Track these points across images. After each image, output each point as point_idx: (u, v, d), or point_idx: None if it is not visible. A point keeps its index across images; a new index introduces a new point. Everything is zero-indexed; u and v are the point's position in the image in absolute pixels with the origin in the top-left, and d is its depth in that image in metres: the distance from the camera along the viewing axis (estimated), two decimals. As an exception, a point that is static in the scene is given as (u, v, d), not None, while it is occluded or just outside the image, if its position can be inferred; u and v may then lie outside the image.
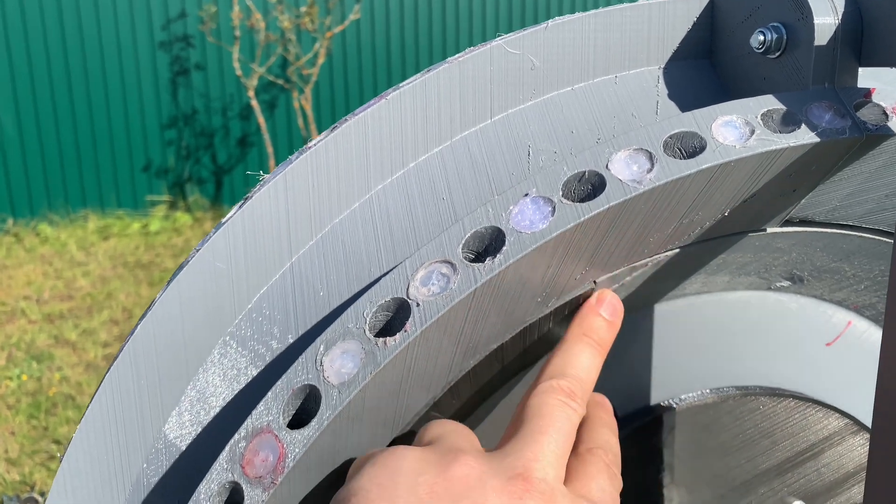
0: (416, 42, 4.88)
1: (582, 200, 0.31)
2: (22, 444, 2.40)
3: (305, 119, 4.47)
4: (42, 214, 4.36)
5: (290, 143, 4.74)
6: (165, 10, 4.40)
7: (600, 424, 0.35)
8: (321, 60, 4.35)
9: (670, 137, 0.32)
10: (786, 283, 0.44)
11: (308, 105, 4.40)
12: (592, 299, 0.36)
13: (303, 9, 4.31)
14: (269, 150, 4.43)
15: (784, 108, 0.33)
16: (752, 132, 0.32)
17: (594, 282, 0.37)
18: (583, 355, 0.34)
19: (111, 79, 4.35)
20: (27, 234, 4.24)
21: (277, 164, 4.62)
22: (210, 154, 4.70)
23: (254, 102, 4.29)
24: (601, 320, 0.36)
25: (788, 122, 0.33)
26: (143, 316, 0.35)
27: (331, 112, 4.77)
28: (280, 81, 4.51)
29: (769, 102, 0.33)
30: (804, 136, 0.32)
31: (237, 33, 4.23)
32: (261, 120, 4.36)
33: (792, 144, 0.32)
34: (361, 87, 4.82)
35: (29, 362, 2.88)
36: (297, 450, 0.28)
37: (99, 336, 3.10)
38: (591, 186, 0.31)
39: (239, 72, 4.25)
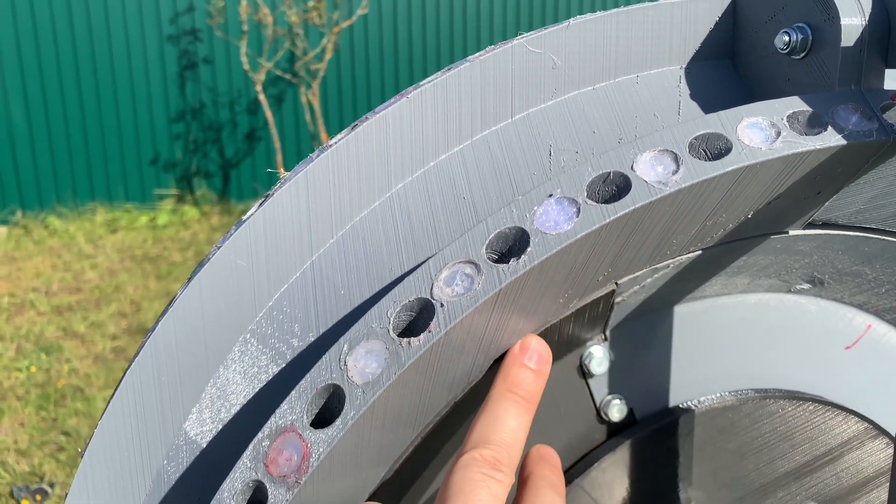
0: (423, 37, 4.87)
1: (607, 202, 0.30)
2: (31, 435, 2.42)
3: (313, 114, 4.47)
4: (51, 207, 4.38)
5: (298, 137, 4.74)
6: (174, 4, 4.41)
7: (543, 485, 0.33)
8: (329, 55, 4.35)
9: (696, 139, 0.32)
10: (806, 286, 0.44)
11: (315, 100, 4.40)
12: (515, 348, 0.34)
13: (310, 3, 4.30)
14: (277, 144, 4.43)
15: (810, 109, 0.33)
16: (779, 134, 0.32)
17: (616, 283, 0.36)
18: (508, 416, 0.32)
19: (119, 72, 4.35)
20: (36, 226, 4.25)
21: (285, 158, 4.62)
22: (217, 148, 4.70)
23: (261, 97, 4.29)
24: (525, 371, 0.33)
25: (815, 124, 0.33)
26: (164, 312, 0.35)
27: (338, 107, 4.77)
28: (288, 76, 4.51)
29: (795, 104, 0.33)
30: (831, 139, 0.32)
31: (245, 28, 4.22)
32: (268, 114, 4.36)
33: (818, 147, 0.32)
34: (369, 81, 4.81)
35: (38, 354, 2.90)
36: (321, 449, 0.28)
37: (107, 328, 3.11)
38: (615, 187, 0.31)
39: (247, 66, 4.26)
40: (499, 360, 0.35)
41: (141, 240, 4.13)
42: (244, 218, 0.35)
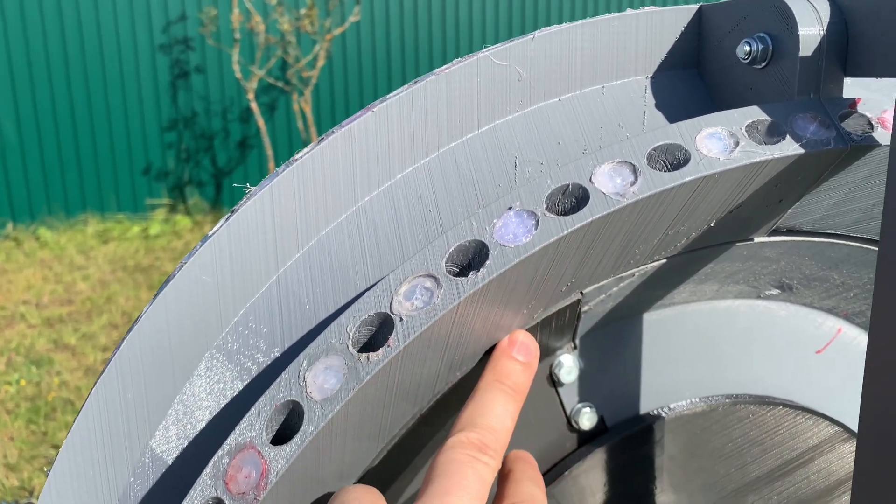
0: (415, 44, 4.88)
1: (566, 213, 0.31)
2: (21, 450, 2.40)
3: (305, 121, 4.48)
4: (42, 218, 4.36)
5: (290, 145, 4.75)
6: (165, 13, 4.41)
7: (525, 478, 0.34)
8: (321, 63, 4.35)
9: (654, 150, 0.32)
10: (775, 292, 0.44)
11: (308, 107, 4.40)
12: (504, 342, 0.35)
13: (302, 11, 4.31)
14: (269, 152, 4.43)
15: (769, 119, 0.33)
16: (737, 144, 0.32)
17: (581, 292, 0.37)
18: (496, 403, 0.32)
19: (111, 82, 4.35)
20: (27, 238, 4.24)
21: (277, 166, 4.61)
22: (210, 157, 4.70)
23: (253, 105, 4.29)
24: (514, 363, 0.34)
25: (773, 133, 0.33)
26: (130, 329, 0.35)
27: (331, 114, 4.77)
28: (280, 84, 4.51)
29: (754, 114, 0.33)
30: (788, 148, 0.32)
31: (237, 36, 4.23)
32: (261, 122, 4.36)
33: (776, 156, 0.32)
34: (361, 89, 4.82)
35: (28, 367, 2.89)
36: (279, 465, 0.28)
37: (98, 340, 3.10)
38: (574, 199, 0.31)
39: (239, 74, 4.26)
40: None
41: (133, 250, 4.13)
42: (209, 234, 0.35)
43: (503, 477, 0.35)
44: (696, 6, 0.41)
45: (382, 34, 4.81)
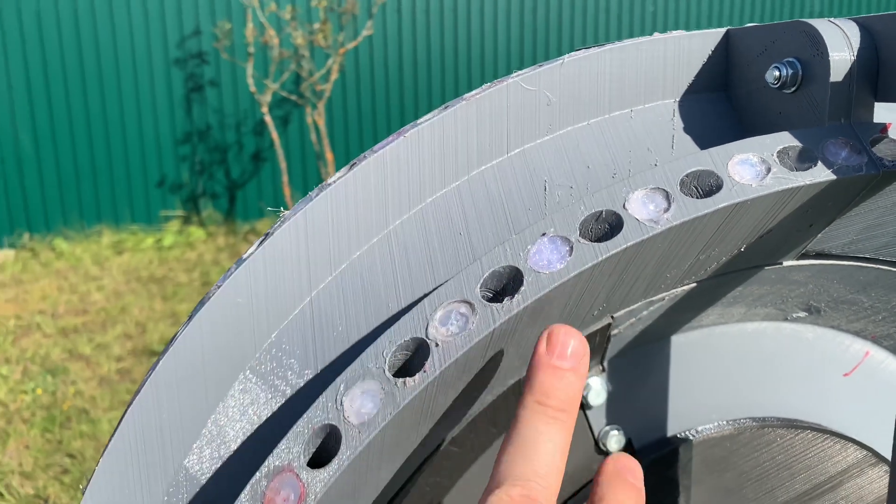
0: (427, 58, 4.91)
1: (599, 240, 0.31)
2: (36, 458, 2.42)
3: (318, 134, 4.50)
4: (57, 229, 4.40)
5: (304, 158, 4.77)
6: (180, 28, 4.46)
7: None
8: (334, 76, 4.38)
9: (686, 176, 0.32)
10: (802, 314, 0.44)
11: (321, 120, 4.43)
12: (542, 345, 0.29)
13: (316, 25, 4.35)
14: (283, 165, 4.46)
15: (800, 145, 0.33)
16: (769, 170, 0.32)
17: (612, 316, 0.37)
18: (540, 439, 0.27)
19: (126, 96, 4.40)
20: (43, 248, 4.28)
21: (290, 179, 4.65)
22: (224, 169, 4.74)
23: (267, 118, 4.33)
24: (557, 374, 0.28)
25: (805, 159, 0.33)
26: (165, 350, 0.35)
27: (343, 127, 4.80)
28: (293, 97, 4.54)
29: (785, 140, 0.33)
30: (820, 174, 0.32)
31: (251, 50, 4.27)
32: (274, 135, 4.39)
33: (808, 182, 0.32)
34: (374, 102, 4.85)
35: (44, 376, 2.90)
36: (318, 488, 0.29)
37: (112, 350, 3.12)
38: (608, 226, 0.32)
39: (253, 88, 4.29)
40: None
41: (147, 261, 4.15)
42: (244, 257, 0.36)
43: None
44: (724, 30, 0.41)
45: (395, 48, 4.84)
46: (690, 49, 0.41)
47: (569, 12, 5.19)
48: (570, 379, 0.28)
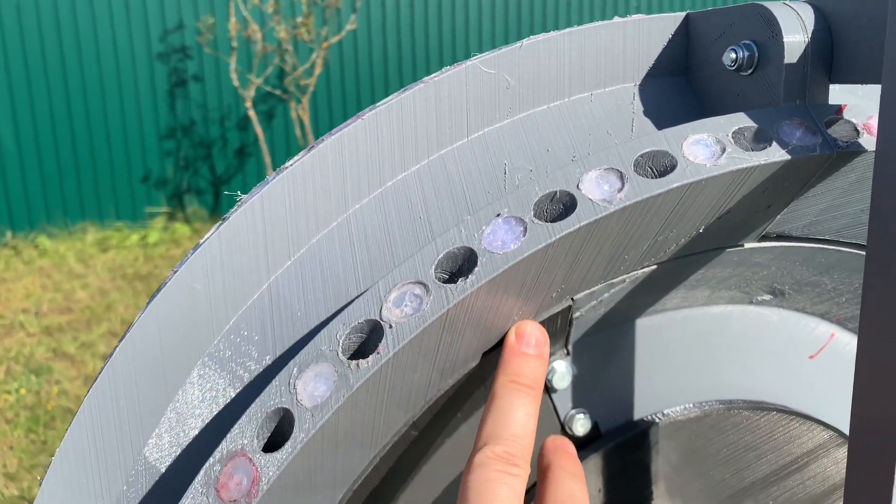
0: (412, 52, 4.89)
1: (553, 220, 0.31)
2: (20, 459, 2.40)
3: (303, 129, 4.48)
4: (41, 227, 4.37)
5: (288, 152, 4.75)
6: (163, 22, 4.42)
7: (563, 475, 0.33)
8: (318, 71, 4.36)
9: (641, 156, 0.32)
10: (767, 297, 0.44)
11: (306, 115, 4.41)
12: (511, 337, 0.34)
13: (299, 19, 4.32)
14: (267, 160, 4.43)
15: (755, 125, 0.33)
16: (723, 150, 0.32)
17: (572, 298, 0.37)
18: (515, 408, 0.32)
19: (109, 91, 4.36)
20: (26, 246, 4.24)
21: (276, 174, 4.62)
22: (208, 165, 4.71)
23: (251, 113, 4.30)
24: (526, 359, 0.34)
25: (759, 139, 0.33)
26: (122, 338, 0.35)
27: (328, 121, 4.78)
28: (277, 92, 4.52)
29: (740, 120, 0.33)
30: (775, 154, 0.32)
31: (234, 44, 4.24)
32: (258, 130, 4.37)
33: (762, 162, 0.32)
34: (359, 96, 4.83)
35: (28, 376, 2.88)
36: (270, 472, 0.29)
37: (98, 349, 3.10)
38: (562, 206, 0.32)
39: (236, 83, 4.27)
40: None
41: (132, 258, 4.13)
42: (200, 242, 0.35)
43: (541, 472, 0.35)
44: (683, 14, 0.41)
45: (379, 42, 4.82)
46: (650, 32, 0.41)
47: (553, 7, 5.19)
48: (535, 363, 0.34)
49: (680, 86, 0.41)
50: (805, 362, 0.47)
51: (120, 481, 0.34)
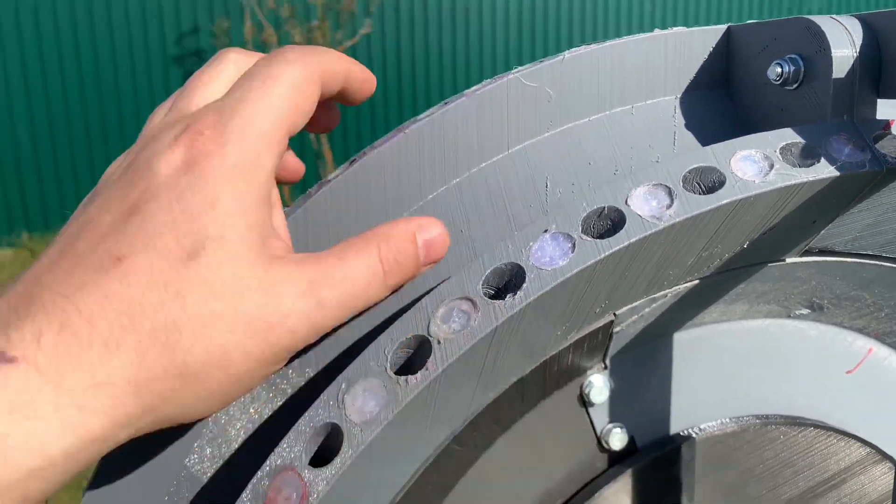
0: (426, 56, 4.90)
1: (601, 236, 0.31)
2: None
3: (317, 134, 4.50)
4: (56, 229, 4.40)
5: (302, 157, 4.69)
6: (178, 25, 4.45)
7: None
8: (332, 75, 4.37)
9: (689, 172, 0.32)
10: (805, 311, 0.44)
11: (319, 119, 4.42)
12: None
13: (314, 24, 4.34)
14: (281, 163, 4.45)
15: (803, 141, 0.33)
16: (772, 167, 0.32)
17: (614, 313, 0.37)
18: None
19: (124, 94, 4.39)
20: (41, 248, 4.27)
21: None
22: (222, 168, 4.73)
23: (265, 117, 4.32)
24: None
25: (807, 155, 0.33)
26: None
27: (342, 126, 4.79)
28: (291, 96, 4.53)
29: (788, 136, 0.33)
30: (824, 170, 0.32)
31: (249, 48, 4.26)
32: (272, 134, 4.38)
33: (811, 179, 0.32)
34: (372, 101, 4.84)
35: (43, 377, 2.90)
36: (319, 488, 0.29)
37: (112, 350, 3.11)
38: (610, 222, 0.31)
39: (251, 86, 4.28)
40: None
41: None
42: (244, 254, 0.35)
43: None
44: (725, 26, 0.41)
45: (393, 47, 4.83)
46: (691, 46, 0.40)
47: (567, 11, 5.18)
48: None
49: (720, 99, 0.41)
50: (842, 377, 0.47)
51: (161, 492, 0.34)
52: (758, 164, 0.32)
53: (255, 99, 0.28)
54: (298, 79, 0.29)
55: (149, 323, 0.24)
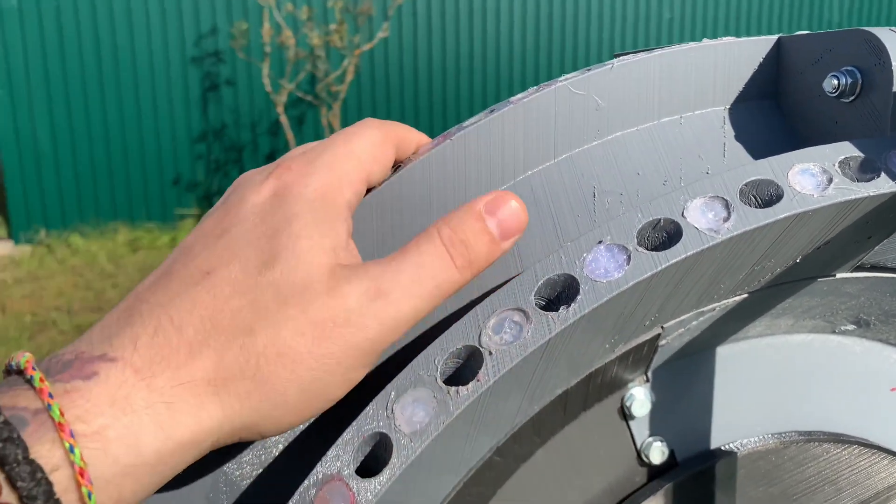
0: (442, 59, 4.91)
1: (656, 248, 0.30)
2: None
3: (333, 135, 4.51)
4: (73, 226, 4.43)
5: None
6: (197, 27, 4.48)
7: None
8: (350, 77, 4.39)
9: (746, 185, 0.31)
10: (851, 327, 0.43)
11: (336, 121, 4.44)
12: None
13: (332, 26, 4.35)
14: (297, 165, 4.46)
15: (862, 155, 0.32)
16: (830, 181, 0.31)
17: (662, 326, 0.36)
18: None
19: (143, 94, 4.43)
20: (59, 245, 4.30)
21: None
22: (239, 168, 4.75)
23: (283, 118, 4.34)
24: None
25: (867, 169, 0.32)
26: None
27: (358, 128, 4.80)
28: (309, 98, 4.55)
29: (846, 150, 0.33)
30: (884, 185, 0.31)
31: (267, 50, 4.28)
32: (289, 135, 4.40)
33: (871, 194, 0.31)
34: (389, 104, 4.85)
35: (59, 373, 2.92)
36: (368, 498, 0.28)
37: (127, 348, 3.13)
38: (665, 234, 0.31)
39: (268, 88, 4.31)
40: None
41: (162, 259, 4.16)
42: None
43: None
44: (775, 37, 0.40)
45: (410, 50, 4.84)
46: (740, 56, 0.40)
47: (584, 18, 5.17)
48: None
49: (770, 110, 0.41)
50: (887, 395, 0.46)
51: (201, 497, 0.34)
52: (816, 178, 0.32)
53: (340, 145, 0.31)
54: (377, 138, 0.33)
55: (228, 327, 0.26)
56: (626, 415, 0.40)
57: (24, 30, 4.16)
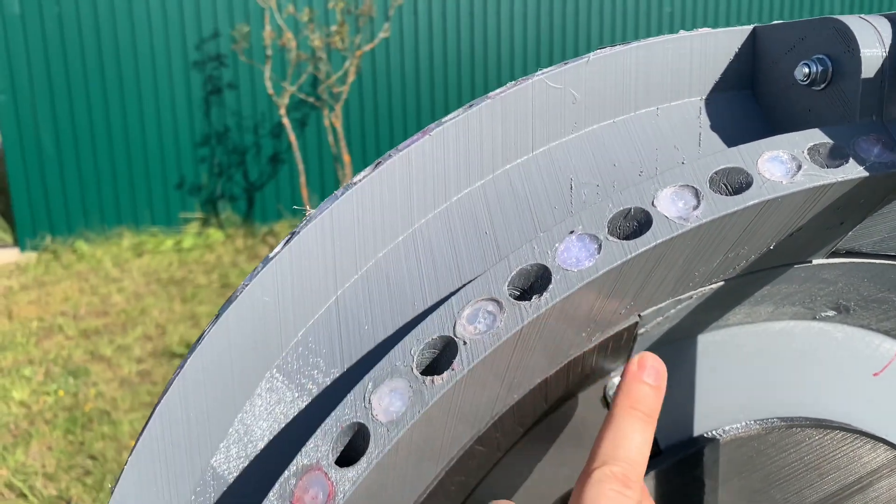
0: (444, 59, 4.91)
1: (627, 237, 0.31)
2: (59, 459, 2.44)
3: (336, 136, 4.52)
4: (79, 232, 4.46)
5: (321, 160, 4.79)
6: (199, 30, 4.50)
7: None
8: (351, 78, 4.40)
9: (716, 173, 0.32)
10: (831, 313, 0.44)
11: (338, 122, 4.45)
12: (634, 365, 0.35)
13: (333, 28, 4.36)
14: (300, 167, 4.48)
15: (831, 142, 0.33)
16: (799, 167, 0.32)
17: (639, 315, 0.36)
18: (634, 433, 0.33)
19: (146, 99, 4.44)
20: (64, 251, 4.33)
21: (308, 180, 4.67)
22: (242, 171, 4.77)
23: (285, 120, 4.35)
24: (646, 388, 0.35)
25: (836, 156, 0.33)
26: (193, 349, 0.35)
27: (360, 129, 4.82)
28: (311, 99, 4.57)
29: (816, 137, 0.33)
30: (852, 171, 0.32)
31: (269, 52, 4.29)
32: (292, 137, 4.41)
33: (840, 179, 0.32)
34: (391, 104, 4.86)
35: (66, 378, 2.94)
36: (346, 487, 0.29)
37: (133, 352, 3.15)
38: (636, 223, 0.31)
39: (270, 90, 4.32)
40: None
41: (166, 263, 4.19)
42: (270, 256, 0.36)
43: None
44: (750, 27, 0.41)
45: (411, 50, 4.85)
46: (716, 47, 0.40)
47: (585, 13, 5.17)
48: (654, 393, 0.35)
49: (746, 100, 0.41)
50: (869, 380, 0.46)
51: (188, 491, 0.35)
52: (785, 165, 0.32)
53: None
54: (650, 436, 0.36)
55: None
56: (608, 403, 0.41)
57: (27, 36, 4.18)
